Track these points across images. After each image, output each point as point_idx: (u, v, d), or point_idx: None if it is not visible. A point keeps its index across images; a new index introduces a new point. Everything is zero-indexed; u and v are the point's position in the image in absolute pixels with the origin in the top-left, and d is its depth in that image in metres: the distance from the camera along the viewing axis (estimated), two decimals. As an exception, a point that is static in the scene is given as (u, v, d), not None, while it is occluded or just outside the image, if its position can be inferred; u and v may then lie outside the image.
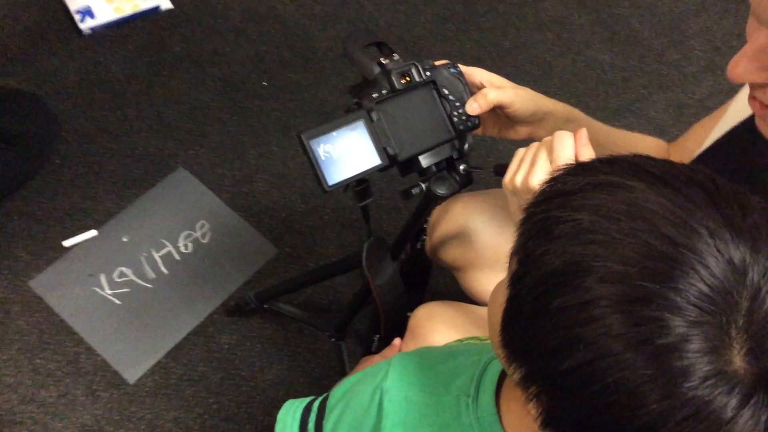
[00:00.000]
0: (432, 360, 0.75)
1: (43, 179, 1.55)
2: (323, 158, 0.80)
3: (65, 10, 1.75)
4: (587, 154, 0.76)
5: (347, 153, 0.82)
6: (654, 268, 0.46)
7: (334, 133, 0.81)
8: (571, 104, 1.84)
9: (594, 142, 0.84)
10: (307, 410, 0.81)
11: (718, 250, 0.46)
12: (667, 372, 0.45)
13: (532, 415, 0.54)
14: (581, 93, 1.90)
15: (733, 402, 0.45)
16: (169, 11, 1.83)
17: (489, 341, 0.63)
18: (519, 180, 0.79)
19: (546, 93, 1.87)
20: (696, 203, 0.48)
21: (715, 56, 2.02)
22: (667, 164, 0.52)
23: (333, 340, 1.39)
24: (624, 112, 1.89)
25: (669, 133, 1.84)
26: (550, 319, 0.49)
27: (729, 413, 0.45)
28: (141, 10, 1.78)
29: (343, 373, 1.39)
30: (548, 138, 0.80)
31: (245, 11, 1.87)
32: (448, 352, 0.76)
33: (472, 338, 0.94)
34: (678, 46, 2.02)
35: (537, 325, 0.50)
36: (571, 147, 0.77)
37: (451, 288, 1.46)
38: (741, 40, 2.06)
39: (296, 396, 0.87)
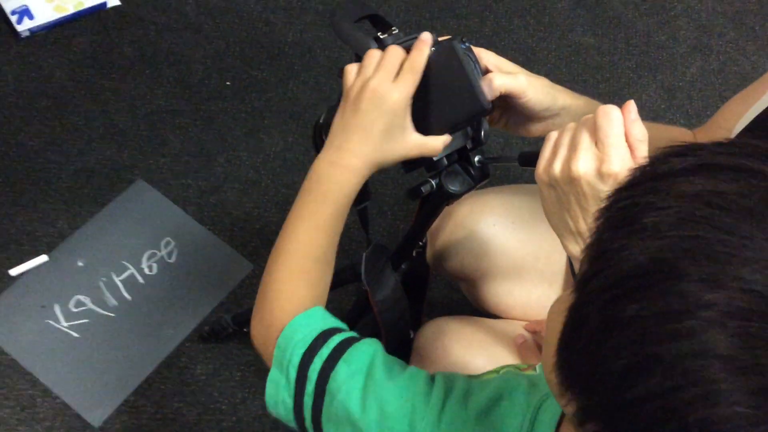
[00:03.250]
0: (478, 408, 0.62)
1: (-19, 201, 1.37)
2: None
3: (0, 11, 1.57)
4: (639, 132, 0.63)
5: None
6: None
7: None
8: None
9: None
10: (312, 349, 0.65)
11: None
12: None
13: None
14: (568, 79, 1.78)
15: None
16: (116, 8, 1.66)
17: (528, 371, 0.50)
18: (558, 168, 0.64)
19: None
20: None
21: (702, 35, 1.93)
22: None
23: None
24: (614, 98, 1.78)
25: (663, 117, 1.74)
26: (621, 332, 0.38)
27: None
28: (85, 7, 1.61)
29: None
30: (588, 116, 0.66)
31: (201, 5, 1.71)
32: (492, 392, 0.63)
33: (507, 366, 0.80)
34: (664, 26, 1.92)
35: (602, 340, 0.39)
36: (619, 123, 0.63)
37: (452, 299, 1.32)
38: (726, 18, 1.99)
39: (284, 429, 0.71)
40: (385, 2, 1.82)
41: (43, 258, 1.32)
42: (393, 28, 0.74)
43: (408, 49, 0.72)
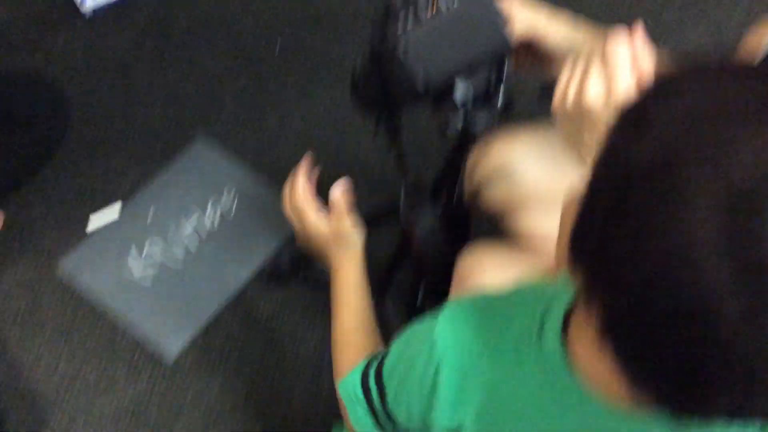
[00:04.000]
0: (487, 302, 0.70)
1: (61, 163, 1.51)
2: None
3: (65, -9, 1.71)
4: (646, 55, 0.69)
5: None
6: (763, 169, 0.39)
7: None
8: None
9: None
10: (366, 368, 0.77)
11: None
12: (754, 291, 0.39)
13: (603, 353, 0.48)
14: (610, 25, 1.82)
15: None
16: (173, -19, 1.78)
17: (547, 281, 0.57)
18: (570, 100, 0.68)
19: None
20: None
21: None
22: None
23: (375, 300, 1.35)
24: (657, 44, 1.81)
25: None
26: (623, 221, 0.43)
27: None
28: (145, -18, 1.73)
29: (388, 333, 1.34)
30: (599, 44, 0.72)
31: (251, -25, 1.81)
32: (505, 293, 0.70)
33: (529, 279, 0.88)
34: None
35: (610, 226, 0.44)
36: (627, 48, 0.69)
37: (495, 235, 1.41)
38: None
39: None
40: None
41: (116, 212, 1.45)
42: None
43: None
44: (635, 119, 0.45)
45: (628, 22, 1.89)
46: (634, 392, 0.49)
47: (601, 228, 0.45)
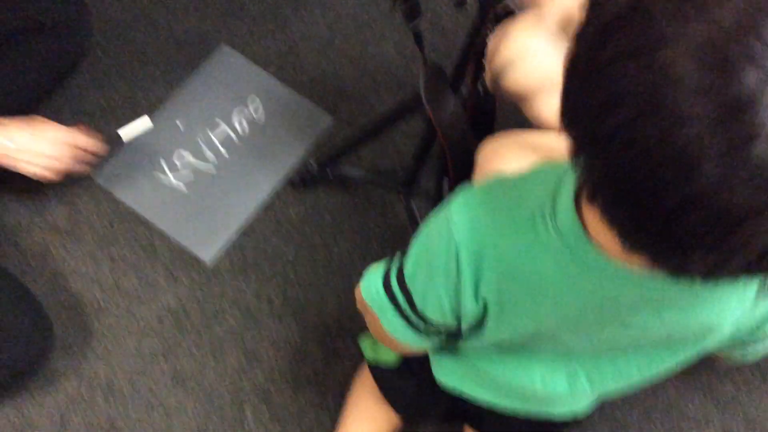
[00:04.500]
0: (500, 182, 0.70)
1: (87, 73, 1.51)
2: None
3: None
4: None
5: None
6: (739, 7, 0.38)
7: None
8: None
9: None
10: (387, 272, 0.77)
11: None
12: (731, 129, 0.38)
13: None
14: None
15: None
16: None
17: (561, 163, 0.56)
18: None
19: None
20: None
21: None
22: None
23: (402, 197, 1.35)
24: None
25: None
26: (601, 71, 0.43)
27: None
28: None
29: (414, 228, 1.35)
30: None
31: None
32: (520, 174, 0.70)
33: (545, 161, 0.87)
34: None
35: (587, 82, 0.44)
36: None
37: (521, 127, 1.38)
38: None
39: (372, 260, 0.83)
40: None
41: (146, 121, 1.45)
42: None
43: None
44: None
45: None
46: (628, 252, 0.49)
47: (582, 81, 0.45)
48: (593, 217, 0.56)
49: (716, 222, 0.41)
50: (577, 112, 0.47)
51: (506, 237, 0.65)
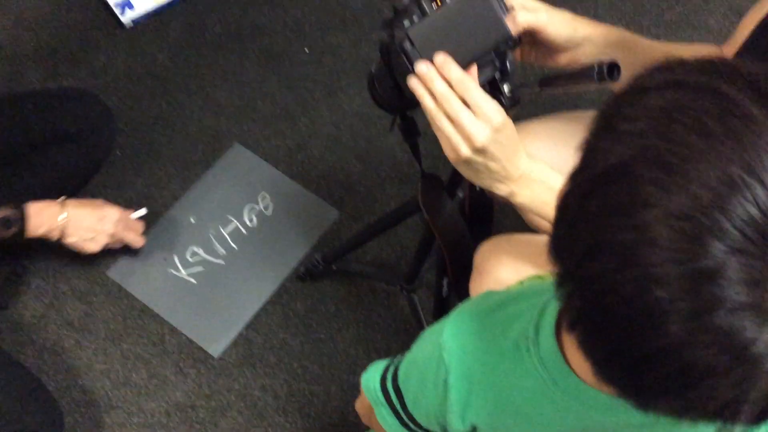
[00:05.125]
0: (489, 307, 0.73)
1: (106, 172, 1.59)
2: None
3: (105, 5, 1.78)
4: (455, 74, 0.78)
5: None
6: (713, 185, 0.42)
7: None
8: (623, 24, 1.76)
9: (642, 63, 0.77)
10: (384, 371, 0.81)
11: None
12: (696, 296, 0.41)
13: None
14: (631, 11, 1.81)
15: (765, 337, 0.41)
16: (204, -8, 1.84)
17: (551, 280, 0.60)
18: (464, 150, 0.82)
19: (594, 14, 1.80)
20: None
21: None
22: None
23: (404, 292, 1.38)
24: (681, 25, 1.79)
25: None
26: (586, 221, 0.46)
27: (758, 349, 0.41)
28: (177, -5, 1.80)
29: (419, 325, 1.38)
30: (443, 91, 0.79)
31: (278, -19, 1.86)
32: (507, 296, 0.74)
33: (534, 277, 0.91)
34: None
35: (576, 226, 0.48)
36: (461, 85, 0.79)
37: (517, 225, 1.42)
38: None
39: (376, 353, 0.87)
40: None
41: (142, 212, 1.51)
42: None
43: None
44: (608, 125, 0.48)
45: (651, 6, 1.88)
46: (600, 381, 0.51)
47: (569, 224, 0.49)
48: (571, 345, 0.59)
49: (679, 376, 0.44)
50: (563, 250, 0.50)
51: (494, 365, 0.68)
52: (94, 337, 1.43)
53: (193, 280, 1.50)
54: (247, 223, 1.56)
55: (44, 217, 1.31)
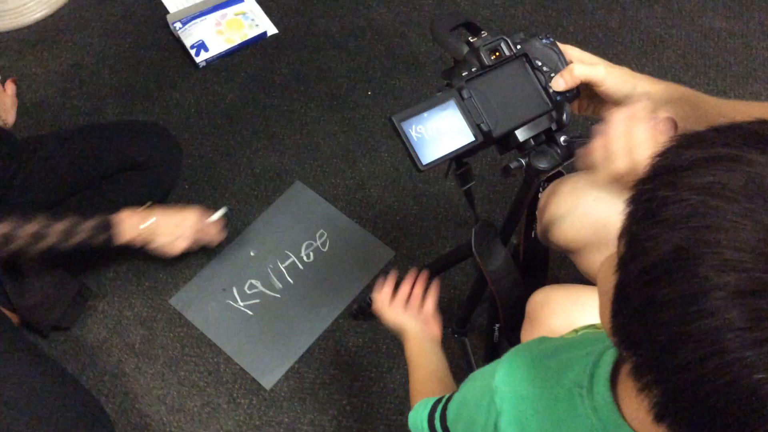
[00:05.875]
0: (543, 353, 0.73)
1: (174, 204, 1.65)
2: (415, 139, 0.81)
3: (182, 46, 1.88)
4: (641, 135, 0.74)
5: (440, 132, 0.82)
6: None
7: (425, 114, 0.82)
8: (688, 77, 1.76)
9: (704, 120, 0.78)
10: (432, 411, 0.82)
11: None
12: None
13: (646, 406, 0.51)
14: (699, 64, 1.80)
15: None
16: (275, 36, 1.92)
17: (602, 335, 0.60)
18: (621, 158, 0.77)
19: (660, 67, 1.80)
20: None
21: None
22: None
23: (456, 336, 1.39)
24: (748, 79, 1.77)
25: (801, 93, 1.71)
26: (659, 311, 0.46)
27: None
28: (249, 37, 1.88)
29: (469, 368, 1.38)
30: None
31: (345, 27, 1.92)
32: (561, 343, 0.74)
33: (588, 326, 0.90)
34: (803, 1, 1.88)
35: (645, 317, 0.48)
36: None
37: (572, 274, 1.42)
38: None
39: None
40: (512, 6, 1.94)
41: (221, 212, 1.55)
42: (482, 32, 0.88)
43: (493, 50, 0.86)
44: (651, 212, 0.48)
45: (718, 60, 1.86)
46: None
47: (636, 316, 0.49)
48: (627, 396, 0.59)
49: None
50: (637, 341, 0.50)
51: (546, 412, 0.68)
52: (153, 362, 1.48)
53: (249, 312, 1.54)
54: (305, 258, 1.60)
55: (130, 226, 1.38)
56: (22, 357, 1.27)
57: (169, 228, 1.43)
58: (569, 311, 1.01)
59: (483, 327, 1.42)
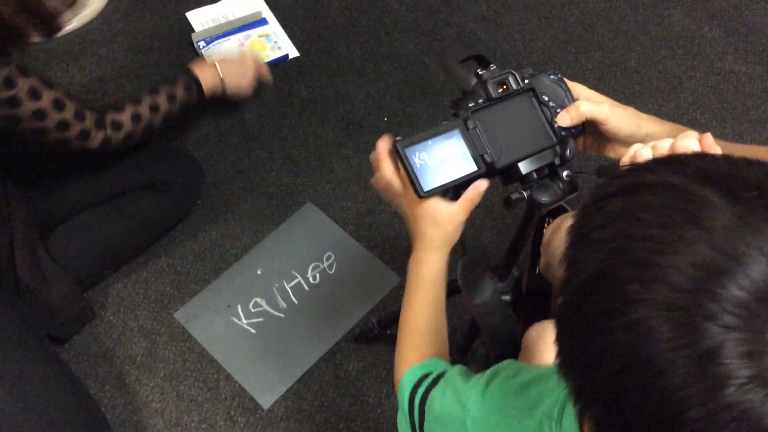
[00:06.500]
0: (519, 384, 0.74)
1: (186, 220, 1.67)
2: (418, 165, 0.82)
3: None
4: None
5: (443, 160, 0.83)
6: (694, 275, 0.44)
7: (429, 142, 0.83)
8: (705, 119, 1.76)
9: None
10: (416, 387, 0.83)
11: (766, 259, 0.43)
12: (704, 378, 0.43)
13: None
14: (716, 107, 1.80)
15: None
16: (296, 59, 1.94)
17: None
18: None
19: (677, 108, 1.80)
20: (763, 220, 0.44)
21: None
22: (739, 168, 0.48)
23: (454, 363, 1.38)
24: (765, 124, 1.77)
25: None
26: (584, 328, 0.48)
27: None
28: (271, 59, 1.91)
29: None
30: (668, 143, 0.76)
31: (366, 53, 1.95)
32: (539, 374, 0.74)
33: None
34: (825, 49, 1.87)
35: (573, 337, 0.49)
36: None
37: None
38: None
39: None
40: (532, 41, 1.96)
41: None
42: (491, 65, 0.89)
43: (500, 83, 0.87)
44: (581, 236, 0.51)
45: (736, 104, 1.86)
46: None
47: (569, 335, 0.51)
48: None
49: None
50: (568, 364, 0.51)
51: None
52: (154, 375, 1.49)
53: (252, 330, 1.54)
54: (311, 280, 1.60)
55: (210, 75, 1.55)
56: (46, 363, 1.29)
57: (236, 68, 1.60)
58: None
59: (483, 356, 1.42)
